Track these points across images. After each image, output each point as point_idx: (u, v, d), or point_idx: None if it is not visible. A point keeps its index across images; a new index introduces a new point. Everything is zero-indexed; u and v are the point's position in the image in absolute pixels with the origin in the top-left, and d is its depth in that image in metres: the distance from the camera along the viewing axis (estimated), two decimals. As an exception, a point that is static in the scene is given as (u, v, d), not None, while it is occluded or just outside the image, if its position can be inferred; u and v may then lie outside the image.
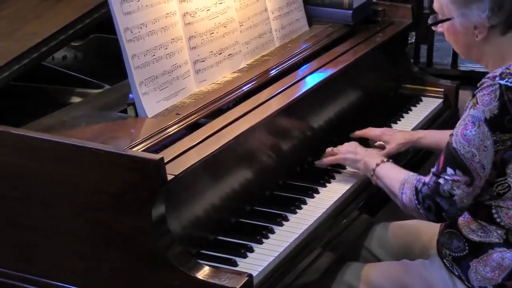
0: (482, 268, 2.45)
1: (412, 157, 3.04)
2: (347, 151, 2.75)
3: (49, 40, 2.70)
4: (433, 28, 2.54)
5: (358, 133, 3.00)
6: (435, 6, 2.49)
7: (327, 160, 2.79)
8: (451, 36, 2.49)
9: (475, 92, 2.37)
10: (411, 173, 2.51)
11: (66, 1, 2.85)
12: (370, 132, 2.99)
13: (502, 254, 2.43)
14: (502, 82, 2.33)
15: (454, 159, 2.36)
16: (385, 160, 2.65)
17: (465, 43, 2.47)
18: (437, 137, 2.91)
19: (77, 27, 2.80)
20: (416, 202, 2.43)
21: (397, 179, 2.52)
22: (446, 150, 2.40)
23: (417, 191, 2.43)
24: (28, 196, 2.29)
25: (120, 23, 2.46)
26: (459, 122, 2.40)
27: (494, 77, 2.35)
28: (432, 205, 2.40)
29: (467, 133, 2.34)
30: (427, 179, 2.43)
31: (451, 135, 2.39)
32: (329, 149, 2.81)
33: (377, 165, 2.62)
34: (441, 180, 2.38)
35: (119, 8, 2.47)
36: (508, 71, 2.35)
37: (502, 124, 2.32)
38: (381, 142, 2.95)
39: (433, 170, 2.42)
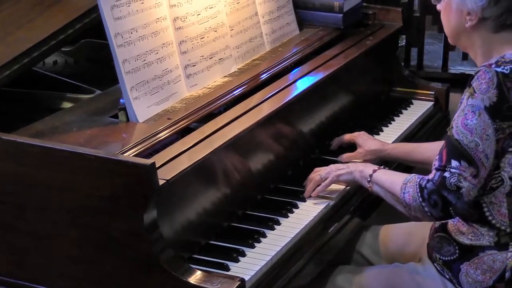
0: (473, 271, 2.45)
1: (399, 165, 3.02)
2: (337, 168, 2.69)
3: (40, 45, 2.69)
4: (434, 2, 2.55)
5: (336, 143, 3.01)
6: None
7: (321, 188, 2.67)
8: (446, 16, 2.52)
9: (471, 82, 2.37)
10: (413, 174, 2.48)
11: (58, 6, 2.84)
12: (345, 136, 2.99)
13: (493, 256, 2.43)
14: (499, 69, 2.34)
15: (457, 150, 2.35)
16: (382, 167, 2.63)
17: (456, 27, 2.49)
18: (407, 149, 2.92)
19: (68, 32, 2.79)
20: (421, 199, 2.40)
21: (397, 181, 2.49)
22: (448, 143, 2.38)
23: (421, 188, 2.39)
24: (20, 201, 2.29)
25: (111, 28, 2.47)
26: (457, 113, 2.39)
27: (490, 65, 2.36)
28: (439, 200, 2.37)
29: (468, 122, 2.34)
30: (430, 175, 2.40)
31: (450, 128, 2.39)
32: (317, 177, 2.69)
33: (374, 171, 2.59)
34: (446, 174, 2.35)
35: (110, 13, 2.47)
36: (503, 59, 2.37)
37: (501, 111, 2.33)
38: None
39: (435, 166, 2.40)
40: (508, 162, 2.39)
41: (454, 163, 2.35)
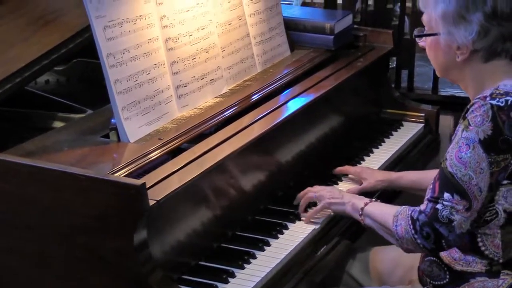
0: (463, 297, 2.44)
1: (383, 192, 2.99)
2: (331, 196, 2.68)
3: (33, 64, 2.70)
4: (417, 40, 2.54)
5: (339, 169, 2.99)
6: (424, 18, 2.49)
7: (311, 213, 2.67)
8: (433, 52, 2.49)
9: (465, 115, 2.36)
10: (403, 206, 2.46)
11: (51, 25, 2.85)
12: (350, 168, 2.99)
13: (484, 283, 2.42)
14: (494, 102, 2.32)
15: (450, 183, 2.34)
16: (373, 200, 2.61)
17: (445, 62, 2.47)
18: (413, 178, 2.91)
19: (61, 52, 2.80)
20: (413, 232, 2.37)
21: (389, 213, 2.46)
22: (441, 175, 2.36)
23: (413, 220, 2.37)
24: (10, 220, 2.29)
25: (103, 48, 2.47)
26: (451, 145, 2.37)
27: (485, 97, 2.34)
28: (431, 232, 2.35)
29: (463, 155, 2.33)
30: (422, 207, 2.38)
31: (444, 160, 2.37)
32: (310, 194, 2.72)
33: (366, 204, 2.57)
34: (439, 206, 2.34)
35: (102, 34, 2.48)
36: (497, 91, 2.35)
37: (496, 145, 2.32)
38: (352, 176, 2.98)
39: (427, 197, 2.38)
40: (503, 195, 2.38)
41: (446, 195, 2.34)
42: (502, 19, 2.37)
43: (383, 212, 2.51)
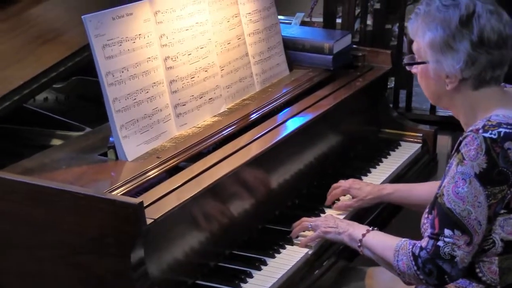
0: (459, 321, 2.43)
1: (380, 213, 3.01)
2: (327, 225, 2.65)
3: (31, 82, 2.71)
4: (407, 68, 2.54)
5: (329, 199, 2.94)
6: (414, 46, 2.49)
7: (306, 240, 2.65)
8: (423, 80, 2.49)
9: (459, 148, 2.34)
10: (403, 239, 2.44)
11: (50, 44, 2.86)
12: (338, 190, 2.94)
13: (481, 305, 2.41)
14: (486, 135, 2.30)
15: (450, 219, 2.32)
16: (370, 228, 2.58)
17: (435, 90, 2.47)
18: (405, 193, 2.91)
19: (60, 70, 2.81)
20: (415, 268, 2.36)
21: (389, 247, 2.45)
22: (440, 212, 2.35)
23: (415, 257, 2.37)
24: (7, 238, 2.29)
25: (102, 67, 2.48)
26: (446, 180, 2.36)
27: (477, 130, 2.32)
28: (434, 269, 2.34)
29: (460, 190, 2.31)
30: (423, 243, 2.37)
31: (441, 195, 2.35)
32: (305, 224, 2.69)
33: (364, 235, 2.55)
34: (440, 243, 2.33)
35: (101, 52, 2.48)
36: (489, 123, 2.33)
37: (492, 177, 2.30)
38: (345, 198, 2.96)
39: (427, 233, 2.37)
40: (499, 224, 2.36)
41: (447, 232, 2.32)
42: (489, 47, 2.36)
43: (383, 245, 2.50)
